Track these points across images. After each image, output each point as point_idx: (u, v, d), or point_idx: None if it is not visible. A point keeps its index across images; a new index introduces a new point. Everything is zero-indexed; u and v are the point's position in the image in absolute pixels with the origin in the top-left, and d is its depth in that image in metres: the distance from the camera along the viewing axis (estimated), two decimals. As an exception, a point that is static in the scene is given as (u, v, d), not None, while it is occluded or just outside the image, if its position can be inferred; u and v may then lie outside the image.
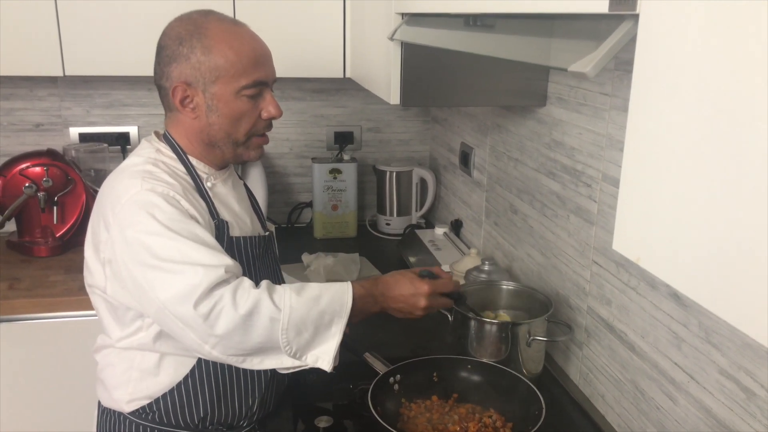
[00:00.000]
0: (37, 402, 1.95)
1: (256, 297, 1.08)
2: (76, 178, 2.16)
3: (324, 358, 1.14)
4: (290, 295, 1.12)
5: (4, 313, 1.87)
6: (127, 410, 1.23)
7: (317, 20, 2.08)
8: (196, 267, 1.07)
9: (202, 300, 1.06)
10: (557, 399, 1.45)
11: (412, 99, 1.52)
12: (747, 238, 0.51)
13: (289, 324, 1.10)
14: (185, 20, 1.20)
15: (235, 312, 1.06)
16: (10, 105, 2.33)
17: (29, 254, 2.16)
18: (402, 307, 1.25)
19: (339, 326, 1.15)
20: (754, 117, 0.49)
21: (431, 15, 1.28)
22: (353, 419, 1.35)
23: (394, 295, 1.24)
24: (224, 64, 1.17)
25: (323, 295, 1.14)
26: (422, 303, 1.24)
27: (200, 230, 1.12)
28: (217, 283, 1.07)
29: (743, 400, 1.00)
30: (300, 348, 1.12)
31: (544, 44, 0.88)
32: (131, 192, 1.12)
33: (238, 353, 1.11)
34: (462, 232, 2.28)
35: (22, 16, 1.92)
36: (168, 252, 1.08)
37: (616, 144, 1.30)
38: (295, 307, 1.11)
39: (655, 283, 1.21)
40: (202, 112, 1.20)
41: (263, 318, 1.08)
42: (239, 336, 1.08)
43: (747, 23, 0.50)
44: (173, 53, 1.18)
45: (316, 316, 1.12)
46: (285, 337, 1.10)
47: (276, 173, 2.60)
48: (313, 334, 1.13)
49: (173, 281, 1.07)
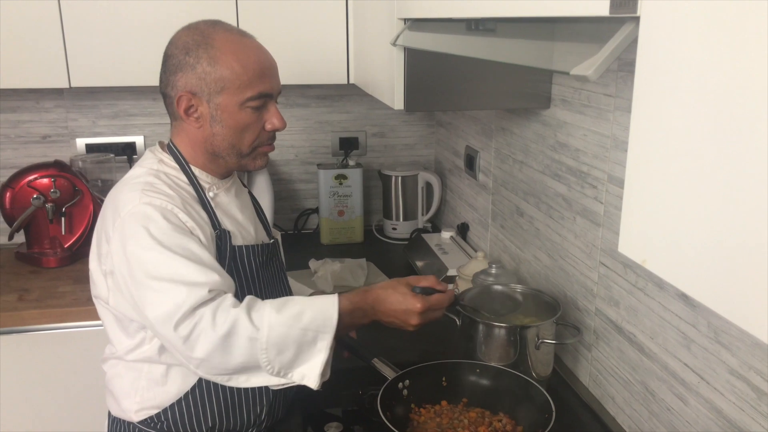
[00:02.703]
0: (47, 412, 1.95)
1: (234, 317, 1.07)
2: (84, 189, 2.17)
3: (310, 376, 1.12)
4: (269, 312, 1.09)
5: (14, 324, 1.88)
6: (136, 419, 1.24)
7: (320, 27, 2.08)
8: (180, 286, 1.07)
9: (182, 321, 1.06)
10: (567, 402, 1.44)
11: (416, 104, 1.52)
12: (752, 239, 0.50)
13: (268, 343, 1.08)
14: (193, 30, 1.20)
15: (214, 333, 1.06)
16: (17, 117, 2.35)
17: (38, 265, 2.17)
18: (393, 321, 1.22)
19: (325, 342, 1.12)
20: (757, 117, 0.49)
21: (433, 20, 1.28)
22: (363, 425, 1.35)
23: (385, 309, 1.21)
24: (230, 76, 1.17)
25: (306, 311, 1.11)
26: (414, 320, 1.21)
27: (194, 244, 1.12)
28: (199, 303, 1.07)
29: (754, 400, 1.00)
30: (283, 366, 1.11)
31: (546, 47, 0.88)
32: (129, 206, 1.14)
33: (222, 373, 1.10)
34: (468, 235, 2.28)
35: (27, 30, 1.93)
36: (158, 269, 1.09)
37: (621, 145, 1.30)
38: (274, 326, 1.08)
39: (663, 284, 1.20)
40: (206, 122, 1.21)
41: (241, 338, 1.07)
42: (219, 357, 1.07)
43: (747, 23, 0.50)
44: (179, 62, 1.18)
45: (298, 333, 1.10)
46: (265, 356, 1.08)
47: (282, 180, 2.60)
48: (297, 352, 1.11)
49: (158, 301, 1.08)
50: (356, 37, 2.05)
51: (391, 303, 1.21)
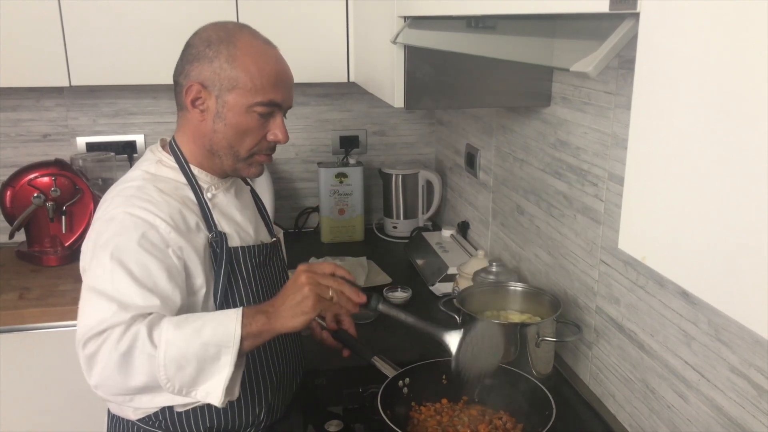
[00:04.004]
0: (48, 410, 1.96)
1: (133, 334, 1.03)
2: (84, 188, 2.17)
3: (214, 393, 1.04)
4: (167, 328, 1.03)
5: (15, 322, 1.88)
6: (134, 418, 1.24)
7: (320, 25, 2.08)
8: (112, 304, 1.05)
9: (91, 339, 1.04)
10: (567, 399, 1.45)
11: (417, 102, 1.52)
12: (752, 235, 0.50)
13: (166, 360, 1.02)
14: (219, 27, 1.21)
15: (116, 351, 1.02)
16: (18, 116, 2.35)
17: (39, 264, 2.18)
18: (289, 301, 1.09)
19: (228, 357, 1.04)
20: (757, 113, 0.49)
21: (433, 18, 1.28)
22: (363, 423, 1.35)
23: (278, 298, 1.11)
24: (244, 78, 1.17)
25: (206, 325, 1.04)
26: (302, 278, 1.10)
27: (155, 264, 1.10)
28: (116, 324, 1.04)
29: (754, 398, 1.00)
30: (185, 384, 1.04)
31: (546, 44, 0.88)
32: (111, 212, 1.14)
33: (123, 393, 1.08)
34: (469, 233, 2.28)
35: (27, 28, 1.93)
36: (103, 282, 1.08)
37: (622, 142, 1.30)
38: (172, 342, 1.02)
39: (664, 282, 1.20)
40: (210, 116, 1.20)
41: (140, 356, 1.02)
42: (118, 375, 1.03)
43: (748, 20, 0.50)
44: (198, 53, 1.18)
45: (198, 348, 1.03)
46: (164, 374, 1.02)
47: (282, 179, 2.60)
48: (198, 369, 1.03)
49: (86, 313, 1.08)
50: (356, 36, 2.05)
51: (283, 289, 1.13)
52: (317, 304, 1.09)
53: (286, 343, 1.35)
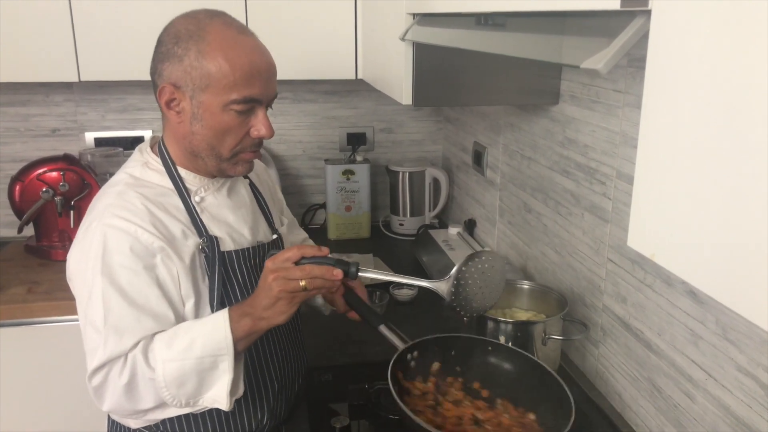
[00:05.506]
0: (55, 404, 1.97)
1: (132, 363, 1.06)
2: (92, 183, 2.18)
3: (219, 400, 1.08)
4: (159, 349, 1.06)
5: (24, 316, 1.90)
6: (134, 426, 1.23)
7: (329, 22, 2.08)
8: (109, 336, 1.07)
9: (97, 371, 1.08)
10: (574, 397, 1.44)
11: (424, 99, 1.52)
12: (761, 233, 0.50)
13: (166, 380, 1.05)
14: (189, 19, 1.14)
15: (120, 381, 1.07)
16: (27, 111, 2.36)
17: (47, 258, 2.19)
18: (265, 303, 1.08)
19: (226, 364, 1.07)
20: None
21: (442, 15, 1.28)
22: (369, 419, 1.35)
23: (255, 299, 1.10)
24: (216, 74, 1.09)
25: (196, 340, 1.06)
26: (269, 280, 1.07)
27: (145, 279, 1.10)
28: (119, 355, 1.07)
29: (762, 397, 0.99)
30: (190, 397, 1.08)
31: (555, 42, 0.87)
32: (93, 225, 1.12)
33: (135, 414, 1.13)
34: (476, 231, 2.28)
35: (37, 24, 1.94)
36: (97, 310, 1.09)
37: (630, 141, 1.29)
38: (167, 362, 1.05)
39: (671, 281, 1.20)
40: (186, 118, 1.14)
41: (142, 382, 1.06)
42: (127, 404, 1.09)
43: (759, 18, 0.49)
44: (167, 51, 1.12)
45: (195, 363, 1.06)
46: (167, 392, 1.06)
47: (289, 175, 2.61)
48: (199, 381, 1.07)
49: (88, 346, 1.11)
50: (365, 32, 2.05)
51: (255, 291, 1.12)
52: (292, 301, 1.08)
53: (286, 347, 1.33)
